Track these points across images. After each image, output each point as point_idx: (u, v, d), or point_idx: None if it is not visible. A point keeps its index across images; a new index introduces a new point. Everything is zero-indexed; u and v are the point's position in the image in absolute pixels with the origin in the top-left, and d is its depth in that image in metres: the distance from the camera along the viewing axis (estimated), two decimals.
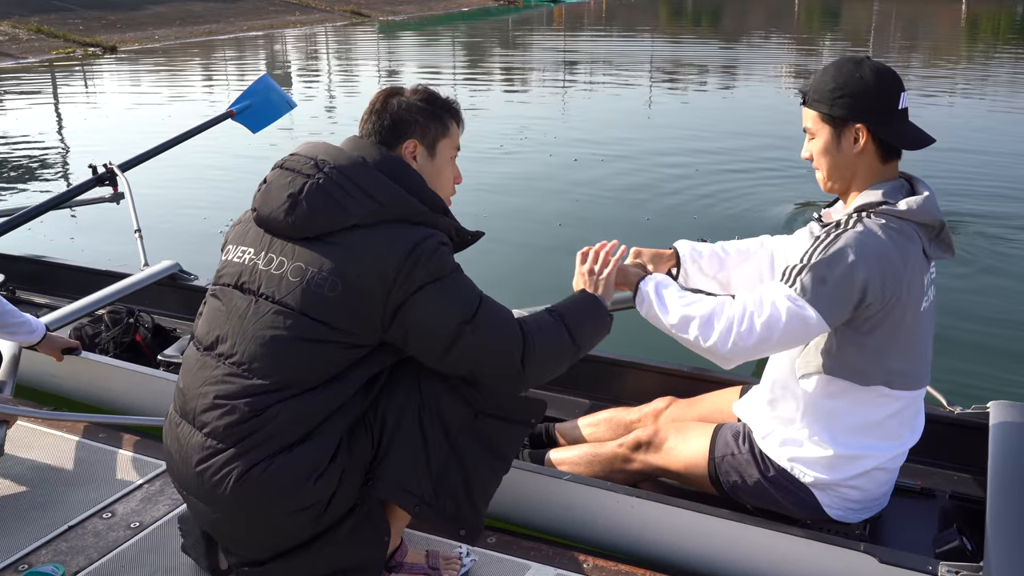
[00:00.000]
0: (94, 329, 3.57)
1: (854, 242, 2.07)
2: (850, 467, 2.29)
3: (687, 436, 2.55)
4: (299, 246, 1.98)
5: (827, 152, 2.21)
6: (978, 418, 2.75)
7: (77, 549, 2.39)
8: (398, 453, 1.99)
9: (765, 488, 2.39)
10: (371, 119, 2.15)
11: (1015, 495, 2.30)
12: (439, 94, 2.22)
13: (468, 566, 2.30)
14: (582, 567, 2.33)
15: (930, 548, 2.35)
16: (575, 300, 2.28)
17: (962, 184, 7.40)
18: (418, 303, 1.94)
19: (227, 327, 2.00)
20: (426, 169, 2.15)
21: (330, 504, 1.95)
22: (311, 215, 1.97)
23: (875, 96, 2.15)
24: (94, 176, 4.54)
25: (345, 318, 1.93)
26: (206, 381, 1.97)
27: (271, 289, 1.97)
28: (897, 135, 2.18)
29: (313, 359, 1.94)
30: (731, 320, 2.12)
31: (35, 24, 20.28)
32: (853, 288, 2.06)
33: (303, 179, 2.00)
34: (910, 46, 23.40)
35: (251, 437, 1.90)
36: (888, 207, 2.12)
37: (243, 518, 1.96)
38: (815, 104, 2.20)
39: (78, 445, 2.91)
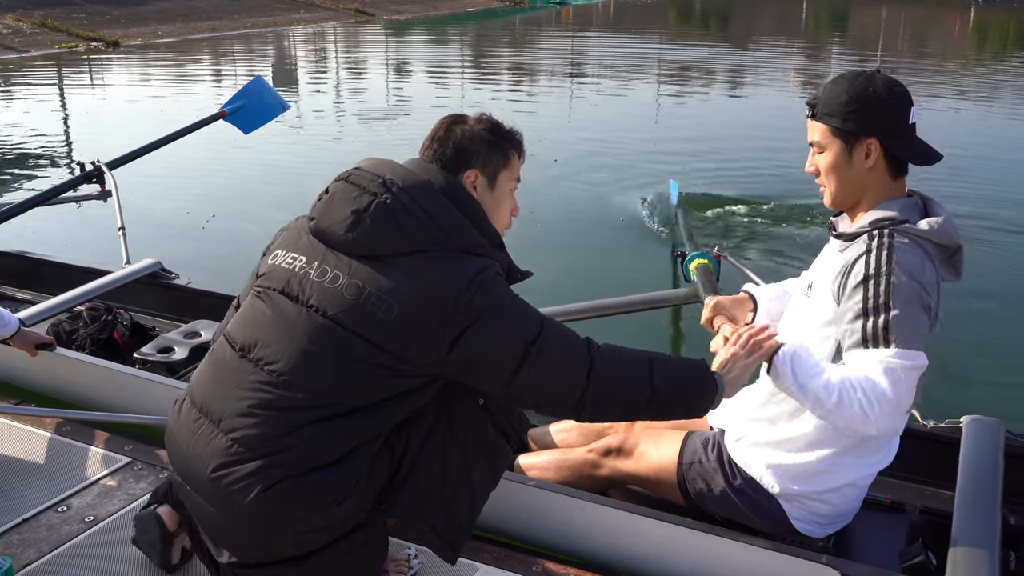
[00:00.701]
0: (72, 326, 3.57)
1: (906, 266, 2.00)
2: (822, 480, 2.27)
3: (657, 442, 2.52)
4: (356, 262, 1.95)
5: (836, 167, 2.16)
6: (951, 433, 2.73)
7: (29, 542, 2.38)
8: (417, 480, 2.00)
9: (730, 497, 2.37)
10: (433, 145, 2.13)
11: (981, 511, 2.28)
12: (503, 124, 2.20)
13: (416, 568, 2.29)
14: (531, 569, 2.32)
15: (896, 562, 2.32)
16: (686, 359, 2.14)
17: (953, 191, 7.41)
18: (480, 330, 1.91)
19: (271, 333, 1.96)
20: (485, 199, 2.12)
21: (341, 524, 1.95)
22: (373, 234, 1.94)
23: (888, 110, 2.11)
24: (82, 173, 4.55)
25: (398, 342, 1.90)
26: (240, 386, 1.93)
27: (324, 303, 1.93)
28: (908, 150, 2.15)
29: (358, 381, 1.91)
30: (862, 406, 1.96)
31: (39, 18, 20.34)
32: (926, 309, 2.02)
33: (369, 196, 1.97)
34: (919, 53, 23.43)
35: (282, 453, 1.87)
36: (910, 226, 2.08)
37: (254, 527, 1.93)
38: (825, 117, 2.15)
39: (41, 440, 2.89)
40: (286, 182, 7.73)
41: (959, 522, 2.23)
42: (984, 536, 2.17)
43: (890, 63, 19.82)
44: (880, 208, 2.15)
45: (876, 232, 2.09)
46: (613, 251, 6.13)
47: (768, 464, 2.31)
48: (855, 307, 2.01)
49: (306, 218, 2.10)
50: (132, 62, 17.52)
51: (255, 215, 6.71)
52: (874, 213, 2.14)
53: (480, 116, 2.19)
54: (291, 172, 8.14)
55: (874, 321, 1.97)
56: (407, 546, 2.34)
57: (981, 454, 2.53)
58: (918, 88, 15.70)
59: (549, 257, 5.72)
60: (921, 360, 1.96)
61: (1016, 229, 6.67)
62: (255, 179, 7.98)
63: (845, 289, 2.07)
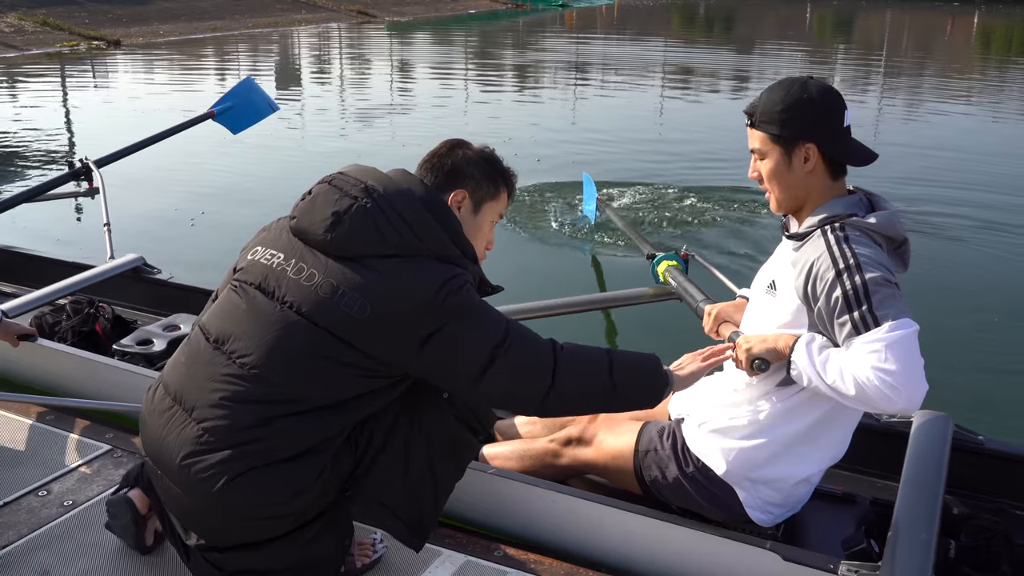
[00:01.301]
0: (55, 318, 3.65)
1: (868, 253, 2.09)
2: (773, 469, 2.34)
3: (615, 432, 2.61)
4: (333, 262, 2.02)
5: (778, 172, 2.24)
6: (903, 427, 2.80)
7: (8, 524, 2.46)
8: (379, 470, 2.09)
9: (683, 485, 2.45)
10: (432, 160, 2.23)
11: (922, 500, 2.35)
12: (502, 160, 2.30)
13: (380, 552, 2.37)
14: (493, 554, 2.40)
15: (840, 550, 2.40)
16: (640, 354, 2.27)
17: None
18: (449, 334, 2.00)
19: (245, 327, 2.04)
20: (467, 222, 2.21)
21: (305, 512, 2.04)
22: (351, 236, 2.02)
23: (822, 115, 2.19)
24: (70, 170, 4.62)
25: (369, 341, 1.99)
26: (213, 377, 2.01)
27: (298, 299, 2.01)
28: (845, 152, 2.23)
29: (329, 378, 2.00)
30: (881, 390, 2.01)
31: (41, 16, 20.45)
32: (897, 286, 2.08)
33: (350, 200, 2.05)
34: (923, 56, 23.47)
35: (250, 444, 1.95)
36: (858, 219, 2.16)
37: (220, 513, 2.01)
38: (763, 125, 2.23)
39: (23, 427, 2.99)
40: (277, 183, 7.79)
41: (900, 510, 2.31)
42: (923, 523, 2.24)
43: (896, 67, 19.93)
44: (826, 208, 2.23)
45: (828, 228, 2.17)
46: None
47: (722, 450, 2.38)
48: (838, 304, 2.07)
49: (287, 217, 2.18)
50: (133, 61, 17.62)
51: (242, 214, 6.77)
52: (820, 213, 2.23)
53: (483, 148, 2.29)
54: (283, 173, 8.21)
55: (860, 310, 2.04)
56: (372, 531, 2.42)
57: (928, 447, 2.60)
58: (922, 90, 15.83)
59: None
60: (914, 327, 2.02)
61: (984, 224, 6.86)
62: (246, 179, 8.05)
63: (815, 291, 2.13)
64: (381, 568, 2.34)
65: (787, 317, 2.25)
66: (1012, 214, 7.23)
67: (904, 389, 1.99)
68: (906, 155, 9.26)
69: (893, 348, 1.99)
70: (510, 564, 2.36)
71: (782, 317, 2.27)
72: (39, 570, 2.28)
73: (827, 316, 2.12)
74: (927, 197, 7.58)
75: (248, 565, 2.11)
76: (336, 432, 2.04)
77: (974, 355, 4.51)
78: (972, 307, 5.22)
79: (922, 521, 2.26)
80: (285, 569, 2.12)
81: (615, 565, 2.45)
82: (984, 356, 4.52)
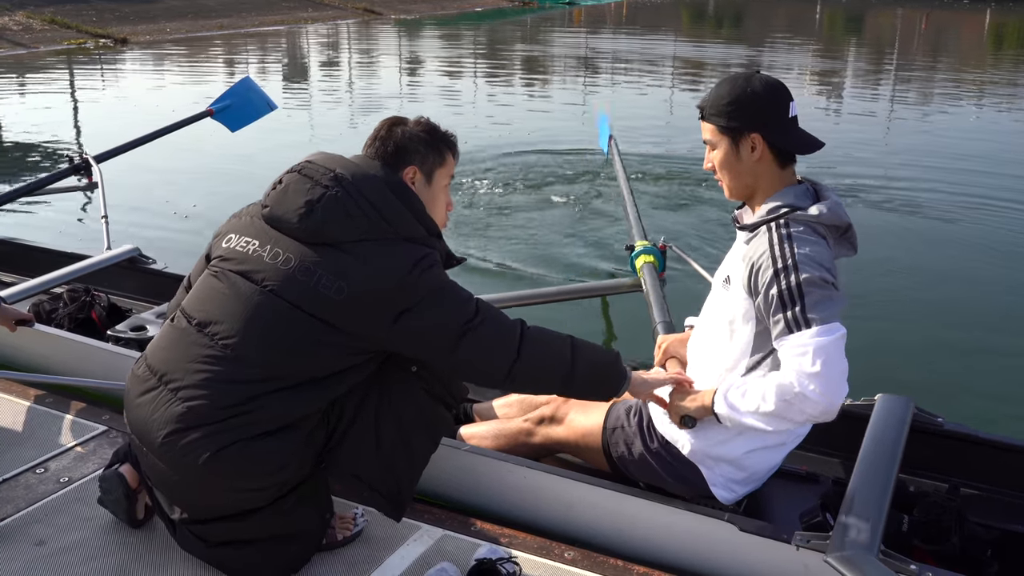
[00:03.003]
0: (52, 305, 3.78)
1: (808, 253, 2.19)
2: (733, 445, 2.43)
3: (586, 411, 2.72)
4: (307, 247, 2.15)
5: (727, 162, 2.36)
6: (864, 410, 2.88)
7: (7, 499, 2.59)
8: (352, 443, 2.21)
9: (648, 461, 2.55)
10: (375, 143, 2.35)
11: (875, 475, 2.45)
12: (439, 127, 2.42)
13: (361, 525, 2.47)
14: (469, 529, 2.51)
15: (798, 524, 2.50)
16: (602, 348, 2.45)
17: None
18: (422, 311, 2.14)
19: (226, 310, 2.16)
20: (423, 194, 2.34)
21: (285, 484, 2.16)
22: (324, 223, 2.15)
23: (766, 106, 2.31)
24: (70, 165, 4.77)
25: (348, 320, 2.12)
26: (195, 359, 2.13)
27: (277, 283, 2.14)
28: (790, 141, 2.34)
29: (308, 357, 2.13)
30: (805, 396, 2.13)
31: (49, 14, 20.61)
32: (832, 287, 2.19)
33: (322, 189, 2.18)
34: (934, 54, 23.47)
35: (231, 420, 2.07)
36: (801, 213, 2.28)
37: (202, 487, 2.13)
38: (712, 117, 2.35)
39: (22, 408, 3.12)
40: (272, 177, 7.89)
41: (854, 484, 2.41)
42: (875, 496, 2.34)
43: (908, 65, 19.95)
44: (775, 197, 2.34)
45: (774, 223, 2.28)
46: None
47: (685, 430, 2.47)
48: (773, 302, 2.20)
49: (258, 205, 2.31)
50: (140, 59, 17.77)
51: (234, 207, 6.83)
52: (770, 203, 2.34)
53: (419, 119, 2.42)
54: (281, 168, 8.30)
55: (793, 311, 2.16)
56: (354, 506, 2.53)
57: (886, 426, 2.70)
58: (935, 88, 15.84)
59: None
60: (840, 331, 2.14)
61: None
62: (240, 174, 8.15)
63: (757, 285, 2.26)
64: (361, 541, 2.44)
65: (738, 312, 2.37)
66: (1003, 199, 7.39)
67: (824, 391, 2.12)
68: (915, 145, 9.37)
69: (818, 352, 2.12)
70: (484, 538, 2.46)
71: (733, 311, 2.38)
72: (35, 541, 2.40)
73: (765, 312, 2.25)
74: (916, 182, 7.74)
75: (231, 536, 2.22)
76: (316, 408, 2.17)
77: (942, 339, 4.65)
78: (947, 290, 5.36)
79: (873, 493, 2.36)
80: (267, 538, 2.23)
81: (583, 538, 2.55)
82: (954, 341, 4.64)
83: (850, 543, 2.17)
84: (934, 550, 2.39)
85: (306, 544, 2.31)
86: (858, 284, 5.03)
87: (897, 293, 5.24)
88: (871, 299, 5.00)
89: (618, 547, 2.51)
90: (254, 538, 2.23)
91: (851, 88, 15.79)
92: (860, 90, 15.48)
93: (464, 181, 7.69)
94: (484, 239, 6.20)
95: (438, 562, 2.32)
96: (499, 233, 6.38)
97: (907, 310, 5.03)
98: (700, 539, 2.42)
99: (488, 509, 2.68)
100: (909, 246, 6.13)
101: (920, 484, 2.76)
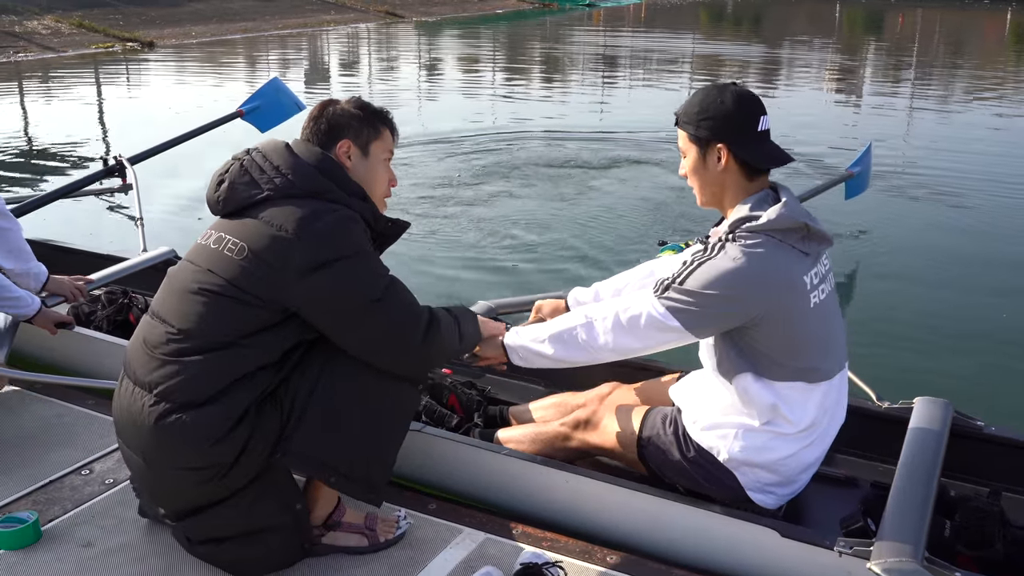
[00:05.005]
0: (90, 308, 3.81)
1: (717, 270, 2.28)
2: (762, 453, 2.44)
3: (621, 417, 2.73)
4: (225, 220, 2.26)
5: (696, 169, 2.42)
6: (903, 412, 2.89)
7: (54, 500, 2.63)
8: (306, 427, 2.17)
9: (686, 468, 2.56)
10: (310, 124, 2.40)
11: (917, 480, 2.45)
12: (372, 104, 2.47)
13: (404, 528, 2.49)
14: (511, 532, 2.52)
15: (839, 529, 2.50)
16: (472, 315, 2.58)
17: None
18: (326, 276, 2.14)
19: (165, 290, 2.28)
20: (359, 167, 2.38)
21: (231, 470, 2.15)
22: (232, 191, 2.25)
23: (735, 119, 2.35)
24: (104, 168, 4.82)
25: (250, 280, 2.14)
26: (147, 342, 2.21)
27: (198, 258, 2.24)
28: (753, 154, 2.38)
29: (217, 313, 2.15)
30: (605, 323, 2.40)
31: (77, 19, 20.82)
32: (716, 311, 2.29)
33: (231, 162, 2.30)
34: (955, 53, 23.30)
35: (163, 385, 2.12)
36: (751, 224, 2.31)
37: (156, 468, 2.18)
38: (684, 126, 2.42)
39: (67, 411, 3.16)
40: None
41: (896, 490, 2.41)
42: (917, 502, 2.35)
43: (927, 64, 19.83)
44: (738, 209, 2.39)
45: (720, 240, 2.35)
46: None
47: (717, 439, 2.50)
48: (671, 272, 2.36)
49: None
50: (166, 62, 17.92)
51: None
52: (734, 213, 2.39)
53: (351, 98, 2.47)
54: None
55: (668, 282, 2.33)
56: (396, 509, 2.56)
57: (927, 430, 2.70)
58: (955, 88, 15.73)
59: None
60: (672, 327, 2.32)
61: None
62: None
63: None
64: (404, 544, 2.46)
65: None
66: None
67: (612, 334, 2.39)
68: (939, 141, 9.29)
69: (642, 316, 2.35)
70: (526, 542, 2.47)
71: None
72: (83, 542, 2.44)
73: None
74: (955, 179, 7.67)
75: (204, 533, 2.27)
76: (246, 372, 2.14)
77: (981, 340, 4.61)
78: (983, 292, 5.33)
79: (916, 499, 2.37)
80: (238, 535, 2.25)
81: (625, 542, 2.55)
82: (993, 343, 4.61)
83: (894, 550, 2.17)
84: (978, 556, 2.38)
85: (285, 538, 2.29)
86: (894, 287, 5.02)
87: (933, 295, 5.20)
88: (907, 302, 4.97)
89: (660, 551, 2.51)
90: (225, 536, 2.26)
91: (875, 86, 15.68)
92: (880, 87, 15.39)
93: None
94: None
95: (481, 566, 2.34)
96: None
97: (943, 313, 4.99)
98: (742, 544, 2.42)
99: (529, 513, 2.69)
100: (945, 247, 6.08)
101: (960, 488, 2.74)
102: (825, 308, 2.40)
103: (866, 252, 6.06)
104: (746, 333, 2.34)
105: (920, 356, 4.28)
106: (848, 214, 6.56)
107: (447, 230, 6.66)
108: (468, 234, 6.58)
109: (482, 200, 7.50)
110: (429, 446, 2.78)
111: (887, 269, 5.68)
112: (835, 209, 6.42)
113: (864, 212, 6.71)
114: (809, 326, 2.36)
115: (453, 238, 6.48)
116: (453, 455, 2.77)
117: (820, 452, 2.54)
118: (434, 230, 6.56)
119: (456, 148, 9.55)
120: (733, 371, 2.41)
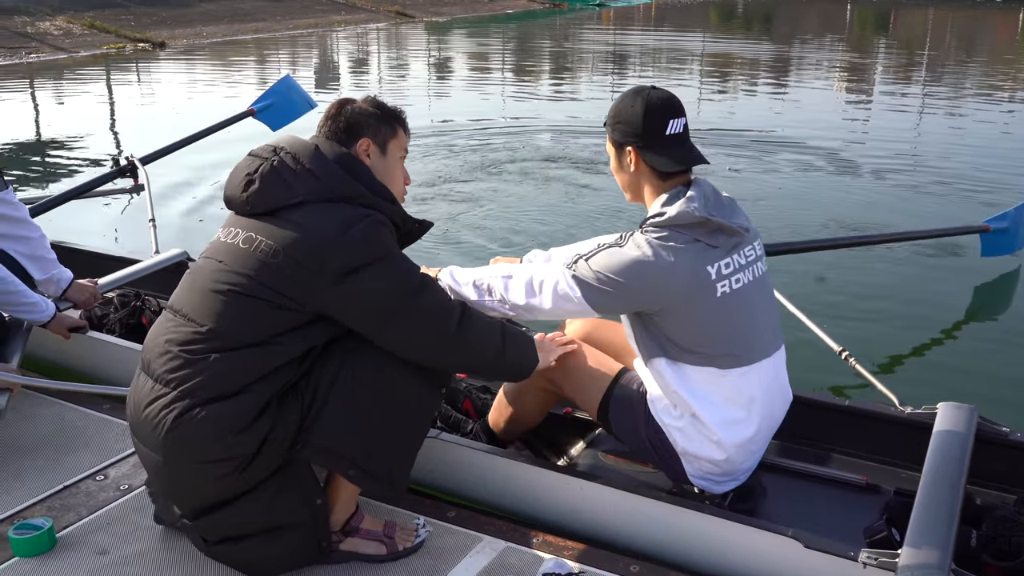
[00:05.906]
0: (103, 311, 3.79)
1: (620, 256, 2.36)
2: (698, 440, 2.49)
3: (595, 369, 2.73)
4: (253, 220, 2.22)
5: (615, 170, 2.55)
6: (926, 418, 2.84)
7: (69, 506, 2.61)
8: (326, 420, 2.16)
9: (644, 444, 2.61)
10: (328, 123, 2.39)
11: (943, 489, 2.40)
12: (387, 104, 2.47)
13: (423, 536, 2.46)
14: (531, 541, 2.48)
15: (862, 539, 2.45)
16: (523, 332, 2.58)
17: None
18: (361, 280, 2.14)
19: (187, 287, 2.25)
20: (378, 166, 2.38)
21: (252, 462, 2.12)
22: (262, 192, 2.21)
23: (643, 123, 2.41)
24: (116, 168, 4.80)
25: (284, 282, 2.13)
26: (161, 333, 2.20)
27: (225, 255, 2.21)
28: (657, 159, 2.42)
29: (248, 314, 2.13)
30: (519, 281, 2.50)
31: (89, 19, 20.88)
32: (614, 293, 2.36)
33: (260, 161, 2.25)
34: (966, 54, 23.19)
35: (188, 383, 2.09)
36: (654, 220, 2.38)
37: (175, 465, 2.14)
38: (607, 128, 2.53)
39: (81, 415, 3.14)
40: None
41: (921, 499, 2.36)
42: (944, 512, 2.30)
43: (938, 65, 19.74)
44: (654, 203, 2.46)
45: (629, 233, 2.43)
46: None
47: (663, 425, 2.54)
48: (587, 249, 2.45)
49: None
50: (177, 62, 17.95)
51: None
52: (651, 209, 2.46)
53: (366, 97, 2.47)
54: None
55: (583, 256, 2.42)
56: (415, 516, 2.53)
57: (951, 437, 2.65)
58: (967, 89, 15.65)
59: None
60: (575, 298, 2.40)
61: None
62: None
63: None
64: (424, 552, 2.42)
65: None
66: None
67: (515, 292, 2.50)
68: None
69: (551, 281, 2.43)
70: (546, 550, 2.43)
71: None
72: (97, 549, 2.42)
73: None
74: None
75: (222, 531, 2.24)
76: (271, 369, 2.13)
77: (1008, 346, 4.54)
78: (1005, 297, 5.28)
79: (943, 509, 2.31)
80: (257, 533, 2.22)
81: (645, 551, 2.52)
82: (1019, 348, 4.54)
83: (921, 562, 2.12)
84: (1006, 567, 2.34)
85: (303, 536, 2.27)
86: (914, 291, 4.97)
87: (954, 301, 5.14)
88: (928, 308, 4.91)
89: (681, 560, 2.48)
90: (242, 533, 2.23)
91: (886, 85, 15.61)
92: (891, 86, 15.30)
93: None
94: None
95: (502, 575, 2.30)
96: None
97: (966, 317, 4.94)
98: (764, 554, 2.38)
99: (548, 521, 2.66)
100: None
101: (986, 496, 2.70)
102: (739, 296, 2.42)
103: (879, 253, 6.01)
104: (653, 319, 2.42)
105: (944, 360, 4.22)
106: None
107: (455, 226, 6.67)
108: (477, 229, 6.59)
109: (489, 195, 7.51)
110: (446, 453, 2.75)
111: (911, 273, 5.61)
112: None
113: (879, 211, 6.64)
114: (717, 315, 2.40)
115: (460, 233, 6.49)
116: (469, 462, 2.74)
117: (749, 437, 2.52)
118: (444, 230, 6.55)
119: (465, 142, 9.56)
120: (648, 354, 2.49)
